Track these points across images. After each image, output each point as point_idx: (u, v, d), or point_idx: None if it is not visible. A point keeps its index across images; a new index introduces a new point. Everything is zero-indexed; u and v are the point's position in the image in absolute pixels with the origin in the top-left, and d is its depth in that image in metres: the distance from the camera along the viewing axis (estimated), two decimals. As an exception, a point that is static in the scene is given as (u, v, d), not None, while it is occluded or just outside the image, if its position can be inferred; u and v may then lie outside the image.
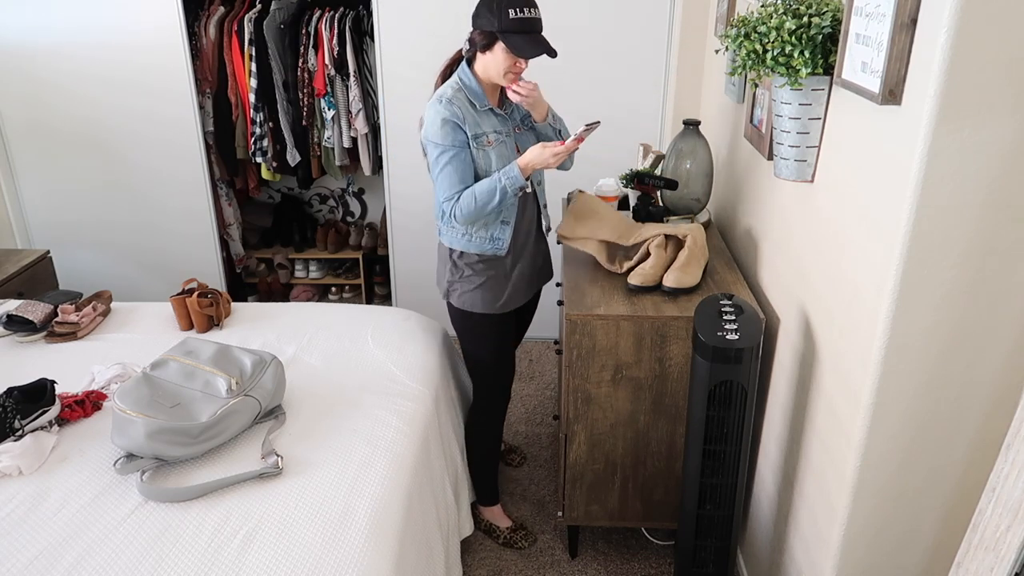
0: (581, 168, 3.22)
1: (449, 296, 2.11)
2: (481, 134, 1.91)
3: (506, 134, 1.97)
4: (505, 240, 2.02)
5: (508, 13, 1.79)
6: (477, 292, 2.05)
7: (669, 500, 2.14)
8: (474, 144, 1.90)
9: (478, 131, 1.91)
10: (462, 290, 2.07)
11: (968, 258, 1.21)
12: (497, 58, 1.86)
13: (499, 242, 2.01)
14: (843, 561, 1.49)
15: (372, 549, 1.47)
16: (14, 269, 2.89)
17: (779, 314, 1.87)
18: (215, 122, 3.39)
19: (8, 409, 1.71)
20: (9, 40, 3.17)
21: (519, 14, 1.80)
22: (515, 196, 1.92)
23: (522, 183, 1.89)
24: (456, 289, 2.08)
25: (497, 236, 2.01)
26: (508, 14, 1.79)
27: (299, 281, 3.95)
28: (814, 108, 1.54)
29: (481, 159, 1.92)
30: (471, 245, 2.02)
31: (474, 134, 1.90)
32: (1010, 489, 1.03)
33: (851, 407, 1.41)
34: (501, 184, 1.88)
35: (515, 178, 1.88)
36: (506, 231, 2.01)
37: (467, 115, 1.89)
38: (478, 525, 2.36)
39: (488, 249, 2.02)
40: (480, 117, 1.92)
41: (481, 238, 2.01)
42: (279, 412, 1.86)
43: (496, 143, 1.94)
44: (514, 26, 1.80)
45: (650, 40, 3.04)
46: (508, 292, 2.08)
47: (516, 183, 1.88)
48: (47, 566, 1.40)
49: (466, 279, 2.05)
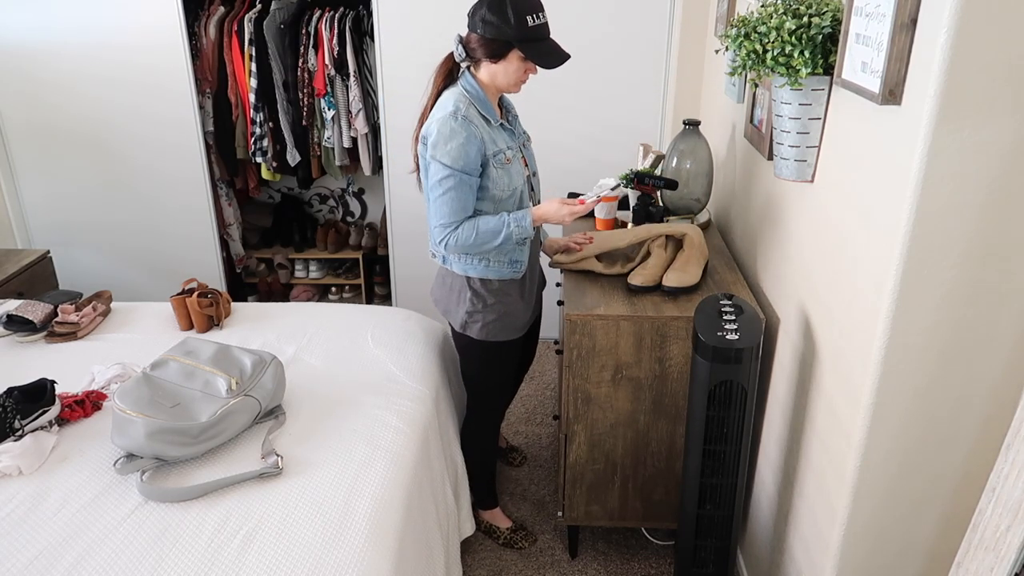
0: (581, 168, 3.23)
1: (467, 328, 1.98)
2: (499, 151, 1.81)
3: (516, 148, 1.89)
4: (524, 262, 1.95)
5: (526, 21, 1.68)
6: (500, 321, 1.97)
7: (669, 500, 2.14)
8: (494, 162, 1.79)
9: (495, 149, 1.80)
10: (484, 321, 1.96)
11: (968, 258, 1.21)
12: (511, 67, 1.76)
13: (518, 265, 1.93)
14: (843, 561, 1.49)
15: (372, 549, 1.47)
16: (14, 269, 2.89)
17: (779, 314, 1.87)
18: (215, 122, 3.39)
19: (8, 409, 1.71)
20: (9, 40, 3.17)
21: (536, 21, 1.70)
22: (519, 243, 1.86)
23: (531, 234, 1.83)
24: (478, 320, 1.96)
25: (516, 259, 1.93)
26: (526, 22, 1.68)
27: (299, 281, 3.95)
28: (814, 108, 1.54)
29: (502, 177, 1.81)
30: (490, 271, 1.92)
31: (493, 152, 1.79)
32: (1010, 489, 1.03)
33: (851, 407, 1.41)
34: (509, 229, 1.80)
35: (526, 228, 1.81)
36: (524, 253, 1.94)
37: (484, 134, 1.77)
38: (478, 526, 2.36)
39: (507, 274, 1.93)
40: (495, 133, 1.82)
41: (500, 263, 1.91)
42: (279, 412, 1.86)
43: (513, 160, 1.85)
44: (532, 34, 1.70)
45: (650, 40, 3.04)
46: (523, 314, 2.03)
47: (525, 233, 1.81)
48: (47, 566, 1.40)
49: (489, 308, 1.95)
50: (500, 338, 1.99)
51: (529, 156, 1.98)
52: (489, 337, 1.99)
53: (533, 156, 2.02)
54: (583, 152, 3.23)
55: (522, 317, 2.03)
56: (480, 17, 1.72)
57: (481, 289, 1.94)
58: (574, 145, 3.22)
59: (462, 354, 2.12)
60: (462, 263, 1.93)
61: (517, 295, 1.99)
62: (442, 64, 1.88)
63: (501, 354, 2.05)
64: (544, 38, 1.75)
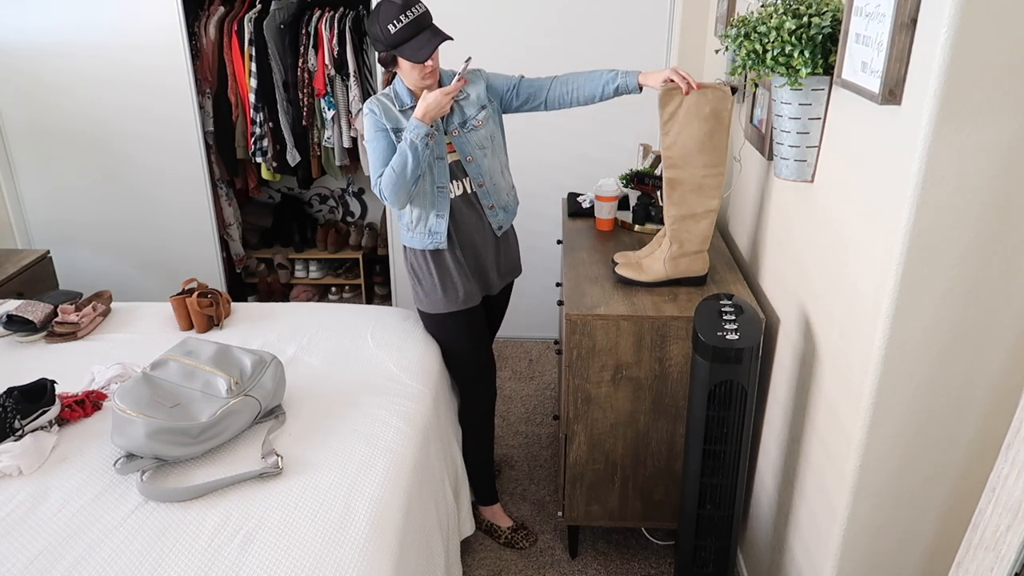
0: (581, 168, 3.23)
1: (417, 301, 2.16)
2: (401, 129, 1.92)
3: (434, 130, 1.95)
4: (441, 233, 2.03)
5: (389, 29, 1.81)
6: (437, 292, 2.10)
7: (669, 500, 2.14)
8: (395, 138, 1.92)
9: (399, 126, 1.92)
10: (423, 293, 2.12)
11: (968, 258, 1.21)
12: (405, 69, 1.89)
13: (437, 236, 2.03)
14: (843, 561, 1.49)
15: (372, 549, 1.47)
16: (14, 269, 2.89)
17: (779, 314, 1.87)
18: (215, 122, 3.39)
19: (8, 409, 1.71)
20: (9, 40, 3.17)
21: (399, 24, 1.81)
22: (425, 146, 1.88)
23: (426, 129, 1.87)
24: (419, 293, 2.13)
25: (435, 230, 2.03)
26: (389, 30, 1.81)
27: (299, 281, 3.95)
28: (814, 108, 1.54)
29: None
30: (414, 240, 2.06)
31: (394, 127, 1.92)
32: (1010, 489, 1.03)
33: (851, 407, 1.41)
34: (408, 139, 1.87)
35: (417, 126, 1.86)
36: (441, 224, 2.02)
37: (387, 112, 1.92)
38: (479, 525, 2.36)
39: (428, 243, 2.04)
40: (403, 115, 1.94)
41: (421, 232, 2.04)
42: (279, 412, 1.86)
43: None
44: (399, 38, 1.81)
45: (650, 40, 3.04)
46: (467, 289, 2.10)
47: (419, 130, 1.86)
48: (47, 566, 1.40)
49: (424, 280, 2.10)
50: (441, 309, 2.12)
51: (462, 142, 2.00)
52: (432, 309, 2.13)
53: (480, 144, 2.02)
54: (583, 152, 3.24)
55: (463, 288, 2.10)
56: (369, 34, 1.89)
57: (415, 259, 2.10)
58: (574, 145, 3.22)
59: (427, 329, 2.26)
60: (402, 234, 2.09)
61: (453, 270, 2.08)
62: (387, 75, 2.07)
63: (453, 325, 2.15)
64: (415, 35, 1.83)
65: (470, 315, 2.14)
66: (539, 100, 2.08)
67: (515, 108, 2.10)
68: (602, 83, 2.00)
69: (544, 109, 2.10)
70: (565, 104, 2.07)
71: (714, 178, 1.90)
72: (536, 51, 3.04)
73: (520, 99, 2.08)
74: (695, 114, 1.84)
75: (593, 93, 2.03)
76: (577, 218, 2.58)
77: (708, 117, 1.84)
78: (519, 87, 2.07)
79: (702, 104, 1.83)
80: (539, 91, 2.07)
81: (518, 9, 3.04)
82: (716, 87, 1.83)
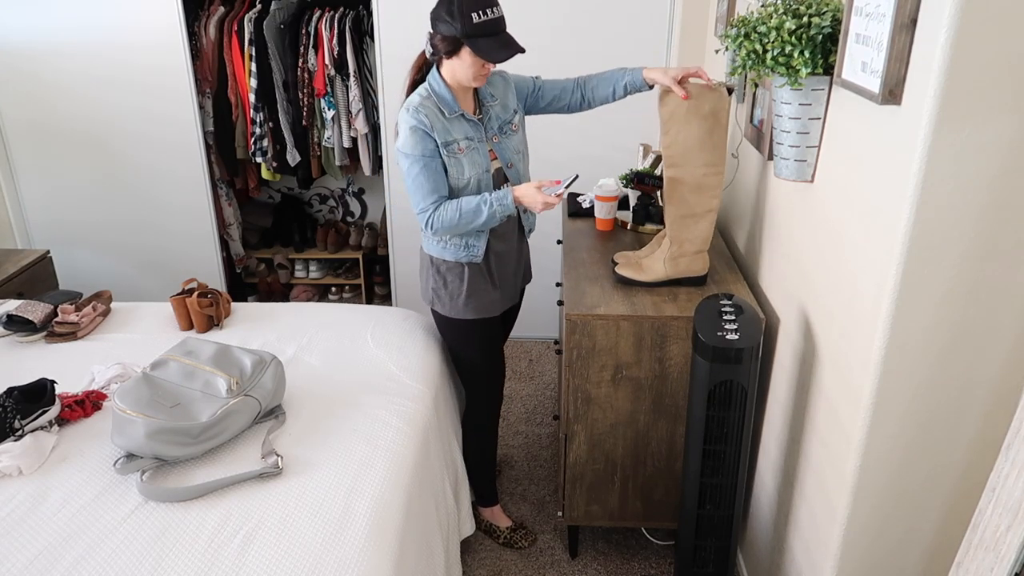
0: (582, 168, 3.22)
1: (433, 304, 2.10)
2: (452, 141, 1.87)
3: (478, 140, 1.92)
4: (480, 247, 1.99)
5: (471, 17, 1.73)
6: (460, 300, 2.04)
7: (669, 500, 2.14)
8: (445, 152, 1.86)
9: (448, 138, 1.86)
10: (446, 298, 2.06)
11: (968, 258, 1.21)
12: (465, 63, 1.81)
13: (474, 249, 1.99)
14: (843, 561, 1.49)
15: (372, 549, 1.47)
16: (14, 269, 2.89)
17: (779, 314, 1.87)
18: (215, 122, 3.39)
19: (8, 409, 1.71)
20: (10, 40, 3.17)
21: (482, 17, 1.74)
22: (502, 220, 1.90)
23: (513, 210, 1.86)
24: (441, 297, 2.07)
25: (472, 243, 1.99)
26: (471, 18, 1.73)
27: (299, 281, 3.95)
28: (814, 108, 1.54)
29: (453, 167, 1.88)
30: (446, 252, 2.01)
31: (444, 141, 1.85)
32: (1010, 489, 1.03)
33: (851, 407, 1.41)
34: (492, 208, 1.84)
35: (507, 206, 1.85)
36: (481, 238, 1.99)
37: (435, 122, 1.84)
38: (478, 525, 2.36)
39: (463, 256, 2.00)
40: (450, 124, 1.87)
41: (456, 245, 1.99)
42: (279, 412, 1.86)
43: (468, 150, 1.89)
44: (479, 30, 1.75)
45: (650, 40, 3.04)
46: (491, 298, 2.07)
47: (507, 211, 1.86)
48: (47, 566, 1.40)
49: (450, 286, 2.04)
50: (461, 316, 2.07)
51: (503, 148, 1.98)
52: (451, 314, 2.08)
53: (516, 149, 2.02)
54: (583, 151, 3.23)
55: (487, 298, 2.07)
56: (435, 16, 1.80)
57: (441, 267, 2.04)
58: (574, 144, 3.22)
59: (440, 332, 2.22)
60: (428, 244, 2.05)
61: (482, 279, 2.04)
62: (415, 61, 1.98)
63: (471, 333, 2.11)
64: (493, 33, 1.79)
65: (489, 323, 2.11)
66: (563, 102, 2.07)
67: (539, 110, 2.09)
68: (613, 82, 2.01)
69: (567, 112, 2.10)
70: (586, 107, 2.07)
71: (714, 177, 1.90)
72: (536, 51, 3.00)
73: (545, 100, 2.07)
74: (695, 112, 1.84)
75: (607, 94, 2.03)
76: (577, 218, 2.58)
77: (708, 115, 1.85)
78: (542, 89, 2.06)
79: (702, 102, 1.84)
80: (563, 93, 2.06)
81: (518, 9, 3.04)
82: (713, 88, 1.84)
